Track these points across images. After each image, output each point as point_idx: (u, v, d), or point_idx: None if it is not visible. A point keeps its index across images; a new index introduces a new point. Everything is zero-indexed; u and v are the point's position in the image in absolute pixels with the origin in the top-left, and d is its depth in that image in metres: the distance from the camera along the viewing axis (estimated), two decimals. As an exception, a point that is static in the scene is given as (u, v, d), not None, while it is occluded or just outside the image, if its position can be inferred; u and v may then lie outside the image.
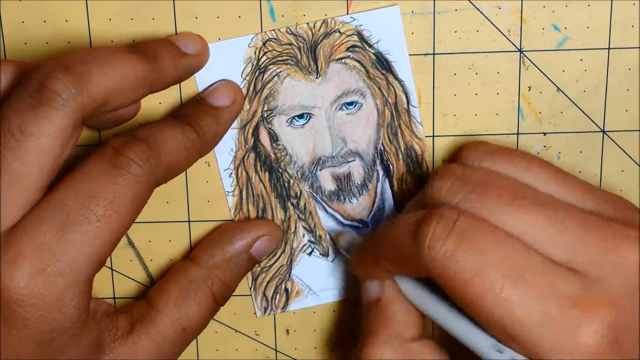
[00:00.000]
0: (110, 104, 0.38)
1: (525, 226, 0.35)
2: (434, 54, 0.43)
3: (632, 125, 0.44)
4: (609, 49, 0.43)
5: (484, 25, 0.43)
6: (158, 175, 0.39)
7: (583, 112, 0.44)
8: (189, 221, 0.45)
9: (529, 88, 0.44)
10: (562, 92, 0.44)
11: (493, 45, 0.43)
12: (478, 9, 0.43)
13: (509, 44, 0.43)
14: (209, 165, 0.45)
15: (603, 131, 0.44)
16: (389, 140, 0.45)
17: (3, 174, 0.35)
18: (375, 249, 0.39)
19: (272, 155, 0.45)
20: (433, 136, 0.45)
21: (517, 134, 0.44)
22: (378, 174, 0.45)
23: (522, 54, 0.43)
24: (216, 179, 0.45)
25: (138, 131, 0.39)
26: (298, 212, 0.45)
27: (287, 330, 0.47)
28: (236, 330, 0.47)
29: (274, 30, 0.43)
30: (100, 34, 0.43)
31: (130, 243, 0.46)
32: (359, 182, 0.45)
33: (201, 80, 0.43)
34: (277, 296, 0.47)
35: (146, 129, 0.39)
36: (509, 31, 0.43)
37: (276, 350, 0.47)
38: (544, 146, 0.45)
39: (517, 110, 0.44)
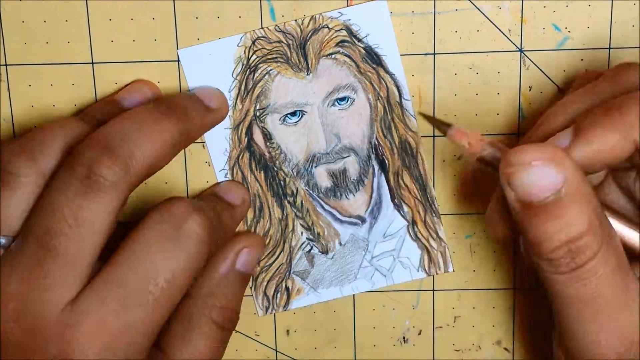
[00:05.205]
0: (154, 171, 0.39)
1: None
2: (434, 54, 0.43)
3: (632, 125, 0.44)
4: (609, 48, 0.43)
5: (484, 25, 0.43)
6: (217, 237, 0.40)
7: (584, 112, 0.44)
8: (189, 221, 0.45)
9: (530, 88, 0.44)
10: (563, 92, 0.44)
11: (493, 45, 0.43)
12: (478, 9, 0.43)
13: (509, 44, 0.43)
14: (209, 165, 0.45)
15: (604, 131, 0.44)
16: (383, 134, 0.45)
17: (60, 257, 0.37)
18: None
19: (267, 154, 0.45)
20: (433, 136, 0.44)
21: (518, 134, 0.44)
22: (373, 169, 0.45)
23: (522, 54, 0.43)
24: (215, 179, 0.45)
25: (196, 202, 0.40)
26: (295, 210, 0.45)
27: (287, 331, 0.47)
28: (236, 331, 0.47)
29: (262, 28, 0.43)
30: (100, 34, 0.43)
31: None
32: (355, 178, 0.45)
33: (192, 81, 0.43)
34: (278, 295, 0.47)
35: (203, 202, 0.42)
36: (509, 31, 0.43)
37: (276, 351, 0.47)
38: (545, 146, 0.44)
39: (517, 110, 0.44)
